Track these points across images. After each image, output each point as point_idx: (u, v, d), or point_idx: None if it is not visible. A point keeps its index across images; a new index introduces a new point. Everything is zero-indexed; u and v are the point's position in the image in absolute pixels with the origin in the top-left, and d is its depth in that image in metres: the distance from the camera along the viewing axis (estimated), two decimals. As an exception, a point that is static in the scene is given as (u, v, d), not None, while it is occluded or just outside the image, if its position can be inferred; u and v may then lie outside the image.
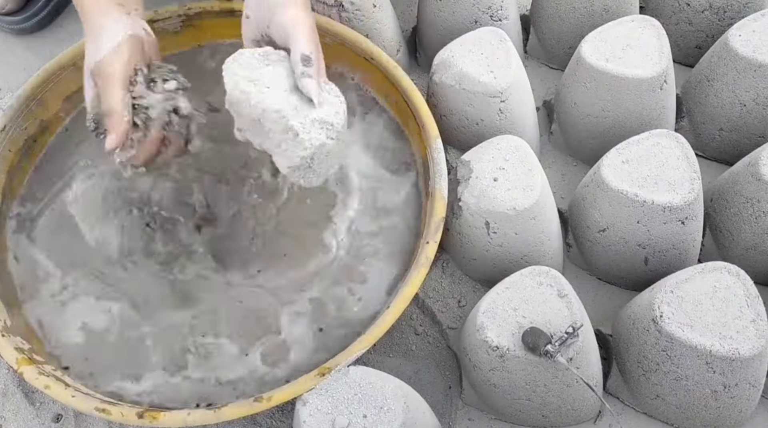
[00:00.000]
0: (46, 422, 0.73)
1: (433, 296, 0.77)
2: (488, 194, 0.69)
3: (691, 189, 0.67)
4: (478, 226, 0.70)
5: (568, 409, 0.66)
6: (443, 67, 0.79)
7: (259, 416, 0.71)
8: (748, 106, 0.78)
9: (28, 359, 0.65)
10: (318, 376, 0.60)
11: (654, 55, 0.76)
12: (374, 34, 0.87)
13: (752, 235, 0.72)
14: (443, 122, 0.81)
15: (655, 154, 0.70)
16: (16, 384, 0.74)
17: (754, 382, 0.62)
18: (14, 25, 1.04)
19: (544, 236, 0.71)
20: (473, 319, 0.64)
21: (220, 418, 0.59)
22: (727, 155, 0.85)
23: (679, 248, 0.71)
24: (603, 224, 0.72)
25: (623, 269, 0.75)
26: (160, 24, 0.85)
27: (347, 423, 0.57)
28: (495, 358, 0.62)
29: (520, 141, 0.72)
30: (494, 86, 0.76)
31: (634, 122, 0.79)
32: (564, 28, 0.90)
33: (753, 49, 0.75)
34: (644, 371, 0.65)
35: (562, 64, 0.93)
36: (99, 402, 0.62)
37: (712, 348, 0.59)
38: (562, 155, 0.89)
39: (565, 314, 0.61)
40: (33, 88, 0.78)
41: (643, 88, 0.76)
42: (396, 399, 0.58)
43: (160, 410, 0.61)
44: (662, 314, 0.61)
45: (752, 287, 0.61)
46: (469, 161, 0.72)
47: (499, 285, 0.64)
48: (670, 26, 0.90)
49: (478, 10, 0.87)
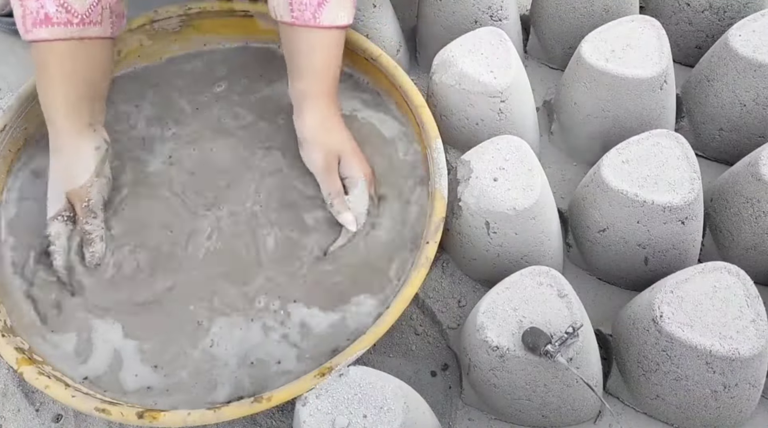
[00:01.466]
0: (46, 422, 0.73)
1: (433, 296, 0.77)
2: (488, 194, 0.69)
3: (691, 189, 0.67)
4: (478, 226, 0.70)
5: (568, 409, 0.66)
6: (443, 67, 0.79)
7: (259, 416, 0.71)
8: (748, 106, 0.78)
9: (28, 359, 0.65)
10: (318, 376, 0.60)
11: (654, 55, 0.76)
12: (374, 34, 0.87)
13: (752, 235, 0.72)
14: (443, 122, 0.81)
15: (655, 154, 0.70)
16: (16, 384, 0.74)
17: (754, 382, 0.62)
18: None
19: (544, 236, 0.71)
20: (473, 319, 0.64)
21: (219, 418, 0.60)
22: (727, 155, 0.85)
23: (679, 248, 0.71)
24: (603, 224, 0.72)
25: (623, 269, 0.75)
26: (160, 24, 0.86)
27: (347, 423, 0.57)
28: (495, 358, 0.62)
29: (520, 141, 0.72)
30: (494, 86, 0.76)
31: (634, 122, 0.79)
32: (564, 28, 0.90)
33: (753, 49, 0.75)
34: (644, 371, 0.65)
35: (562, 64, 0.93)
36: (99, 402, 0.62)
37: (712, 348, 0.59)
38: (562, 155, 0.89)
39: (565, 314, 0.61)
40: (33, 88, 0.78)
41: (643, 88, 0.76)
42: (396, 399, 0.58)
43: (160, 410, 0.61)
44: (662, 314, 0.61)
45: (752, 287, 0.61)
46: (469, 161, 0.72)
47: (499, 285, 0.64)
48: (670, 26, 0.90)
49: (478, 10, 0.87)
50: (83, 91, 0.71)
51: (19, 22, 0.68)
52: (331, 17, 0.70)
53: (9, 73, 1.02)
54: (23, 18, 0.67)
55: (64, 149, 0.72)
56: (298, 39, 0.72)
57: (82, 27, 0.68)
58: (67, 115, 0.71)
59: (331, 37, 0.72)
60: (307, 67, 0.72)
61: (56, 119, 0.71)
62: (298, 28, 0.71)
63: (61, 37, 0.67)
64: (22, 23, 0.67)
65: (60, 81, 0.69)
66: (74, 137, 0.72)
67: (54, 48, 0.68)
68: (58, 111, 0.70)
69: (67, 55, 0.69)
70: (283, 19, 0.71)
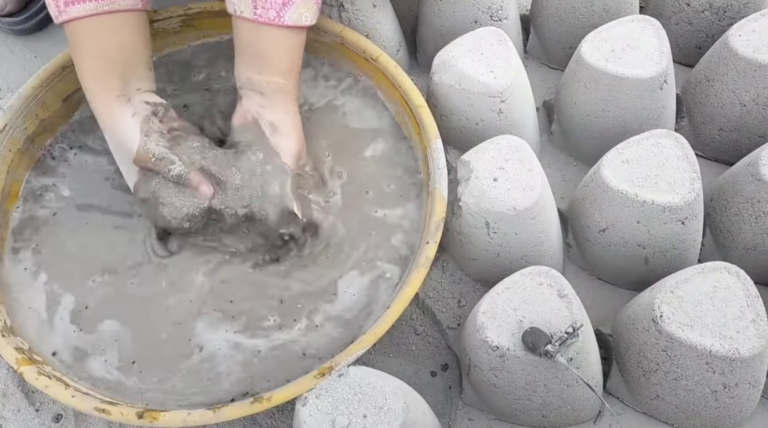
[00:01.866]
0: (46, 422, 0.73)
1: (433, 296, 0.77)
2: (488, 194, 0.69)
3: (691, 189, 0.67)
4: (478, 226, 0.70)
5: (568, 409, 0.66)
6: (443, 67, 0.79)
7: (259, 416, 0.71)
8: (748, 106, 0.78)
9: (28, 359, 0.65)
10: (318, 376, 0.60)
11: (654, 55, 0.76)
12: (374, 34, 0.87)
13: (752, 235, 0.72)
14: (443, 122, 0.81)
15: (655, 154, 0.70)
16: (16, 384, 0.74)
17: (754, 382, 0.62)
18: (14, 26, 1.04)
19: (544, 236, 0.71)
20: (473, 319, 0.64)
21: (219, 418, 0.60)
22: (727, 155, 0.85)
23: (679, 248, 0.71)
24: (603, 224, 0.72)
25: (623, 269, 0.75)
26: (160, 24, 0.86)
27: (347, 423, 0.57)
28: (495, 358, 0.62)
29: (520, 141, 0.72)
30: (494, 86, 0.76)
31: (634, 122, 0.79)
32: (564, 28, 0.90)
33: (753, 49, 0.75)
34: (644, 371, 0.65)
35: (562, 64, 0.93)
36: (99, 402, 0.62)
37: (712, 348, 0.59)
38: (562, 155, 0.89)
39: (565, 315, 0.61)
40: (33, 88, 0.78)
41: (643, 88, 0.76)
42: (396, 399, 0.58)
43: (160, 410, 0.61)
44: (662, 314, 0.61)
45: (752, 287, 0.61)
46: (469, 161, 0.72)
47: (499, 285, 0.64)
48: (670, 26, 0.90)
49: (478, 10, 0.87)
50: (111, 64, 0.71)
51: (51, 6, 0.69)
52: (295, 17, 0.70)
53: (9, 73, 1.02)
54: (56, 0, 0.68)
55: (105, 125, 0.73)
56: (262, 37, 0.72)
57: (111, 1, 0.70)
58: (96, 90, 0.72)
59: (299, 38, 0.73)
60: (277, 65, 0.73)
61: (90, 95, 0.72)
62: (261, 26, 0.71)
63: (92, 12, 0.69)
64: (55, 5, 0.69)
65: (88, 57, 0.70)
66: (107, 111, 0.72)
67: (83, 25, 0.69)
68: (90, 88, 0.72)
69: (94, 31, 0.70)
70: (244, 15, 0.71)
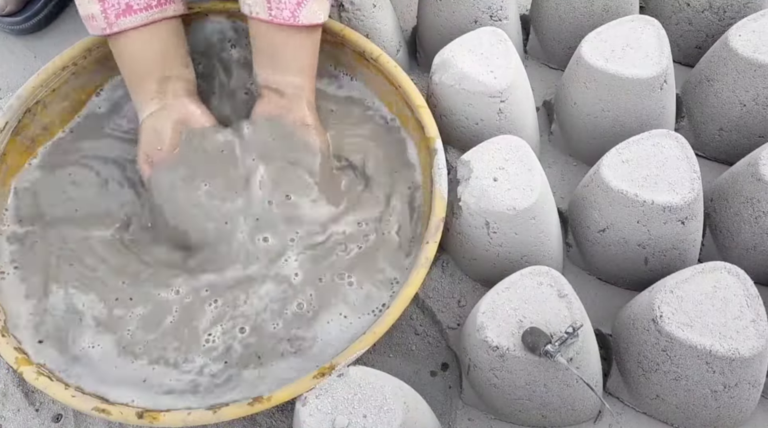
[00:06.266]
0: (46, 422, 0.73)
1: (433, 296, 0.77)
2: (488, 194, 0.69)
3: (691, 189, 0.67)
4: (478, 226, 0.70)
5: (568, 409, 0.66)
6: (443, 67, 0.79)
7: (259, 416, 0.71)
8: (748, 106, 0.78)
9: (28, 359, 0.65)
10: (318, 376, 0.60)
11: (654, 55, 0.76)
12: (374, 34, 0.87)
13: (752, 235, 0.72)
14: (443, 122, 0.81)
15: (655, 154, 0.70)
16: (16, 384, 0.74)
17: (754, 382, 0.62)
18: (14, 26, 1.04)
19: (544, 236, 0.71)
20: (473, 319, 0.64)
21: (219, 418, 0.60)
22: (727, 155, 0.85)
23: (679, 248, 0.71)
24: (603, 224, 0.72)
25: (623, 269, 0.75)
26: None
27: (347, 423, 0.57)
28: (495, 358, 0.62)
29: (520, 141, 0.72)
30: (494, 86, 0.76)
31: (634, 122, 0.79)
32: (564, 28, 0.90)
33: (753, 49, 0.75)
34: (644, 371, 0.65)
35: (562, 64, 0.93)
36: (99, 402, 0.62)
37: (712, 348, 0.59)
38: (562, 155, 0.89)
39: (565, 315, 0.61)
40: (33, 88, 0.78)
41: (643, 88, 0.76)
42: (396, 399, 0.58)
43: (160, 410, 0.61)
44: (662, 314, 0.61)
45: (752, 287, 0.61)
46: (469, 160, 0.72)
47: (499, 285, 0.64)
48: (670, 26, 0.90)
49: (478, 10, 0.87)
50: (149, 69, 0.75)
51: (99, 18, 0.71)
52: (310, 15, 0.71)
53: (9, 73, 1.02)
54: (105, 12, 0.70)
55: (142, 122, 0.77)
56: (278, 38, 0.73)
57: (160, 8, 0.73)
58: (135, 92, 0.77)
59: (314, 37, 0.75)
60: (296, 66, 0.75)
61: (133, 97, 0.77)
62: (277, 26, 0.72)
63: (143, 22, 0.72)
64: (104, 18, 0.70)
65: (137, 64, 0.75)
66: (143, 112, 0.77)
67: (134, 34, 0.72)
68: (135, 91, 0.76)
69: (146, 40, 0.73)
70: (259, 16, 0.72)
